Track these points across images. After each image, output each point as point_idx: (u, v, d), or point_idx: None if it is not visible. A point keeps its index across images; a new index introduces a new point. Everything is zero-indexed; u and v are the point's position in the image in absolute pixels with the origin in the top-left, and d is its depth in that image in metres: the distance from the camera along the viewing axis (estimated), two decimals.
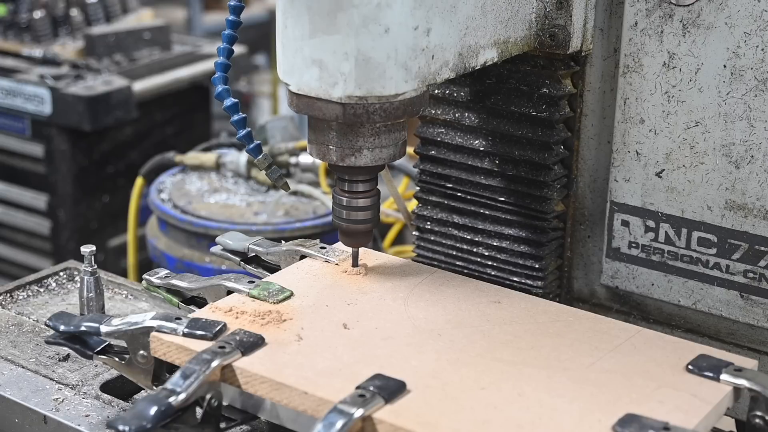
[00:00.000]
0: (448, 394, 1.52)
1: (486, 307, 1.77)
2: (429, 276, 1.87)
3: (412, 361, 1.60)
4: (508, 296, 1.81)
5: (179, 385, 1.51)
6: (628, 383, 1.56)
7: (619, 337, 1.69)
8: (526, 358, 1.62)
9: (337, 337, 1.66)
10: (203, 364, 1.54)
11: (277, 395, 1.54)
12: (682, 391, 1.55)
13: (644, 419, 1.46)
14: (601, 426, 1.46)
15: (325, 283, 1.83)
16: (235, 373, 1.57)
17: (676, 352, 1.65)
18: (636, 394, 1.54)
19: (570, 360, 1.62)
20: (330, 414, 1.44)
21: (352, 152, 1.67)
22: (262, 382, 1.55)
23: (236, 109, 1.80)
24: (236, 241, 1.97)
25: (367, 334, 1.67)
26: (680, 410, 1.50)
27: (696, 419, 1.49)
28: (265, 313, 1.71)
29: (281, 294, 1.76)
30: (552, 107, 1.86)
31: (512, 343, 1.66)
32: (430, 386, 1.53)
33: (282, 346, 1.62)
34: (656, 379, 1.58)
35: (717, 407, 1.53)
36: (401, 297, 1.79)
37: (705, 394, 1.55)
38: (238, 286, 1.78)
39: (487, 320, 1.73)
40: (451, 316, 1.73)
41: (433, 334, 1.68)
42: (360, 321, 1.71)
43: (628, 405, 1.50)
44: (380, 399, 1.48)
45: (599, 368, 1.60)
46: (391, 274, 1.86)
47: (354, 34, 1.55)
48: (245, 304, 1.74)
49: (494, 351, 1.64)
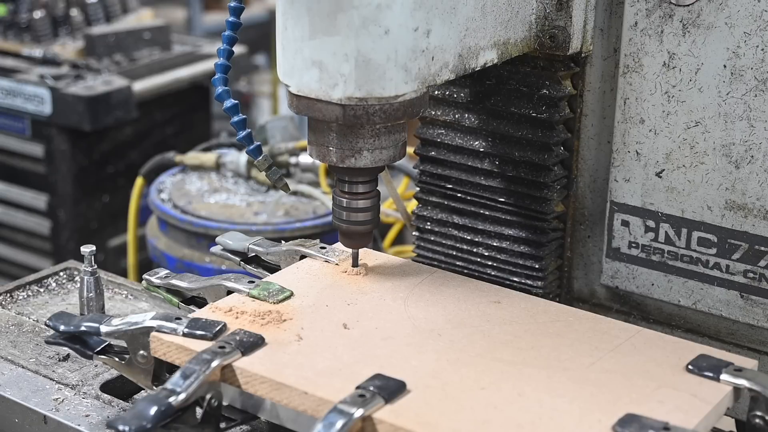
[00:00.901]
0: (448, 394, 1.52)
1: (486, 307, 1.77)
2: (429, 276, 1.87)
3: (412, 361, 1.60)
4: (508, 296, 1.81)
5: (179, 385, 1.51)
6: (628, 383, 1.56)
7: (619, 337, 1.69)
8: (526, 358, 1.62)
9: (337, 337, 1.66)
10: (203, 364, 1.54)
11: (277, 395, 1.54)
12: (682, 391, 1.55)
13: (644, 419, 1.46)
14: (601, 426, 1.46)
15: (325, 283, 1.83)
16: (235, 373, 1.57)
17: (676, 352, 1.65)
18: (636, 394, 1.54)
19: (570, 360, 1.62)
20: (330, 414, 1.44)
21: (352, 153, 1.67)
22: (262, 382, 1.55)
23: (236, 111, 1.80)
24: (236, 241, 1.97)
25: (367, 334, 1.67)
26: (680, 410, 1.50)
27: (696, 419, 1.49)
28: (265, 313, 1.71)
29: (281, 294, 1.76)
30: (552, 108, 1.87)
31: (512, 343, 1.66)
32: (430, 386, 1.53)
33: (282, 346, 1.62)
34: (656, 379, 1.58)
35: (717, 407, 1.54)
36: (401, 297, 1.79)
37: (705, 394, 1.55)
38: (238, 286, 1.78)
39: (487, 320, 1.73)
40: (451, 316, 1.73)
41: (433, 334, 1.68)
42: (360, 321, 1.71)
43: (628, 405, 1.50)
44: (380, 399, 1.48)
45: (599, 368, 1.60)
46: (391, 274, 1.86)
47: (354, 35, 1.55)
48: (245, 304, 1.74)
49: (494, 351, 1.64)
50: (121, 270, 3.70)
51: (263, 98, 6.54)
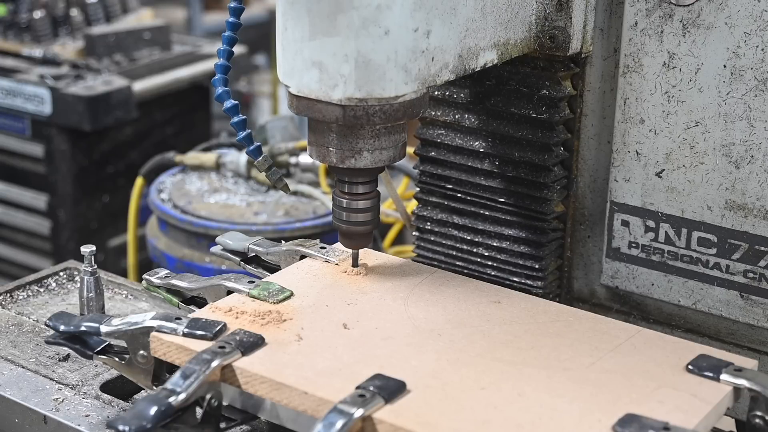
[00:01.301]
0: (448, 394, 1.52)
1: (486, 307, 1.77)
2: (429, 276, 1.87)
3: (412, 361, 1.60)
4: (508, 296, 1.81)
5: (179, 385, 1.51)
6: (628, 383, 1.56)
7: (619, 337, 1.69)
8: (526, 358, 1.62)
9: (337, 337, 1.66)
10: (203, 364, 1.54)
11: (277, 395, 1.54)
12: (682, 391, 1.55)
13: (644, 419, 1.46)
14: (601, 426, 1.46)
15: (325, 283, 1.83)
16: (235, 373, 1.57)
17: (676, 352, 1.65)
18: (636, 394, 1.54)
19: (570, 360, 1.62)
20: (330, 414, 1.44)
21: (352, 154, 1.67)
22: (262, 382, 1.55)
23: (236, 111, 1.80)
24: (236, 241, 1.97)
25: (367, 334, 1.67)
26: (680, 410, 1.50)
27: (696, 419, 1.49)
28: (265, 313, 1.71)
29: (281, 294, 1.76)
30: (552, 109, 1.87)
31: (512, 343, 1.66)
32: (430, 386, 1.53)
33: (282, 346, 1.62)
34: (656, 379, 1.58)
35: (717, 407, 1.54)
36: (401, 297, 1.79)
37: (705, 394, 1.55)
38: (238, 286, 1.78)
39: (487, 320, 1.73)
40: (451, 316, 1.74)
41: (433, 334, 1.68)
42: (360, 321, 1.71)
43: (628, 405, 1.51)
44: (380, 399, 1.48)
45: (599, 368, 1.61)
46: (391, 274, 1.86)
47: (354, 36, 1.55)
48: (245, 304, 1.74)
49: (494, 351, 1.64)
50: (121, 270, 3.70)
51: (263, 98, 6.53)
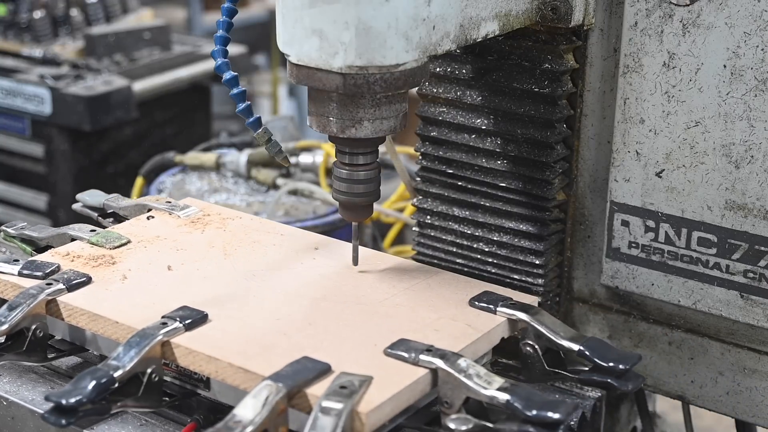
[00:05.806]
0: (246, 324, 1.68)
1: (304, 252, 1.92)
2: (264, 235, 1.99)
3: (222, 296, 1.75)
4: (327, 243, 1.97)
5: (4, 316, 1.69)
6: (413, 315, 1.72)
7: (417, 278, 1.84)
8: (327, 294, 1.78)
9: (159, 277, 1.82)
10: (29, 297, 1.72)
11: (94, 326, 1.70)
12: (459, 321, 1.71)
13: (413, 342, 1.61)
14: (375, 349, 1.61)
15: (162, 232, 1.98)
16: (59, 307, 1.72)
17: (465, 290, 1.80)
18: (417, 324, 1.69)
19: (366, 296, 1.78)
20: (132, 338, 1.60)
21: (352, 124, 1.66)
22: (81, 314, 1.71)
23: (236, 83, 1.78)
24: (94, 198, 2.14)
25: (188, 275, 1.83)
26: (452, 337, 1.66)
27: (463, 344, 1.64)
28: (99, 257, 1.87)
29: (118, 241, 1.92)
30: (554, 83, 1.86)
31: (318, 282, 1.82)
32: (231, 317, 1.69)
33: (106, 284, 1.78)
34: (439, 312, 1.74)
35: (488, 335, 1.70)
36: (231, 247, 1.93)
37: (479, 324, 1.71)
38: (80, 234, 1.95)
39: (300, 263, 1.89)
40: (270, 261, 1.89)
41: (248, 275, 1.83)
42: (185, 264, 1.86)
43: (407, 333, 1.65)
44: (181, 327, 1.64)
45: (390, 303, 1.76)
46: (231, 229, 2.02)
47: (354, 2, 1.54)
48: (83, 249, 1.90)
49: (300, 288, 1.80)
50: None
51: (263, 98, 6.54)
